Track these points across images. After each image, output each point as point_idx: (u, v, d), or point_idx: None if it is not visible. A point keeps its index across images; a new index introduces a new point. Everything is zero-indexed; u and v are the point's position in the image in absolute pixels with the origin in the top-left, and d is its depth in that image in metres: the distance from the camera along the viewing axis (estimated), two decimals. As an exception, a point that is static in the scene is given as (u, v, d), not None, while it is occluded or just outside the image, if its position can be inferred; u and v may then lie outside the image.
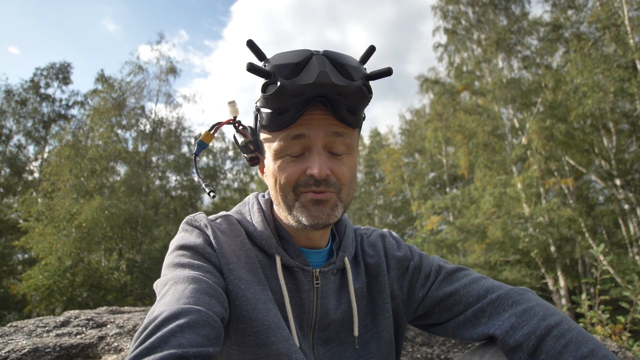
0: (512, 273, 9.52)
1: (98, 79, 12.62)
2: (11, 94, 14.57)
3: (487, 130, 10.47)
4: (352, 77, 0.57)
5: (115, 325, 1.36)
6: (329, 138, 0.60)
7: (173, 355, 0.41)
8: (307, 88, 0.55)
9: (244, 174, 17.43)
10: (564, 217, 8.60)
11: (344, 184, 0.62)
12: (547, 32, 10.70)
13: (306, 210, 0.61)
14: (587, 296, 2.07)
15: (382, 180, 17.56)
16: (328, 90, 0.56)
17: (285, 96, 0.56)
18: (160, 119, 12.80)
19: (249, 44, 0.59)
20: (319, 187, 0.60)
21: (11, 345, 1.17)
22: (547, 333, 0.56)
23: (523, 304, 0.62)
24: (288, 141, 0.60)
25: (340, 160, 0.62)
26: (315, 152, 0.60)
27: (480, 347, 0.65)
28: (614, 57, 8.54)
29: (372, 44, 0.63)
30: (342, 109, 0.59)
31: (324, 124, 0.59)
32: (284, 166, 0.61)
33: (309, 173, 0.59)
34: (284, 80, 0.55)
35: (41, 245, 9.38)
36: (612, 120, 9.43)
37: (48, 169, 10.71)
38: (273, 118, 0.59)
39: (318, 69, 0.55)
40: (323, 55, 0.57)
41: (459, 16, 12.00)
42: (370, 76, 0.60)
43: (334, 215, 0.62)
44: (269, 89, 0.57)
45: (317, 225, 0.61)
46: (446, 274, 0.73)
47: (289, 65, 0.56)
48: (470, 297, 0.67)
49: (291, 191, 0.62)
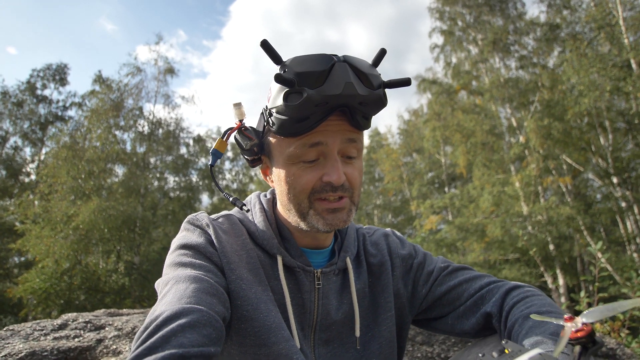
0: (512, 271, 9.56)
1: (96, 80, 12.56)
2: (7, 96, 14.49)
3: (485, 130, 10.51)
4: (373, 86, 0.57)
5: (114, 327, 1.35)
6: (344, 144, 0.60)
7: (174, 355, 0.41)
8: (332, 98, 0.54)
9: (243, 175, 17.41)
10: (563, 215, 8.64)
11: (356, 187, 0.63)
12: (543, 32, 10.76)
13: (322, 219, 0.61)
14: (586, 294, 2.07)
15: (381, 180, 17.59)
16: (352, 100, 0.56)
17: (309, 106, 0.55)
18: (159, 120, 12.77)
19: (264, 45, 0.56)
20: (336, 192, 0.60)
21: (8, 349, 1.16)
22: (519, 301, 0.62)
23: (519, 287, 0.66)
24: (305, 149, 0.59)
25: (352, 165, 0.62)
26: (331, 159, 0.59)
27: (480, 340, 0.66)
28: (609, 57, 8.60)
29: (383, 47, 0.62)
30: (359, 115, 0.59)
31: (339, 130, 0.59)
32: (300, 173, 0.60)
33: (326, 180, 0.59)
34: (310, 91, 0.54)
35: (38, 247, 9.31)
36: (609, 118, 9.49)
37: (45, 170, 10.65)
38: (290, 125, 0.57)
39: (344, 78, 0.54)
40: (344, 63, 0.56)
41: (456, 17, 12.04)
42: (388, 84, 0.60)
43: (349, 220, 0.63)
44: (292, 98, 0.55)
45: (332, 230, 0.62)
46: (450, 271, 0.73)
47: (312, 73, 0.54)
48: (472, 290, 0.69)
49: (306, 198, 0.61)
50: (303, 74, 0.55)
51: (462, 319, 0.68)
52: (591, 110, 9.06)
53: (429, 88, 13.45)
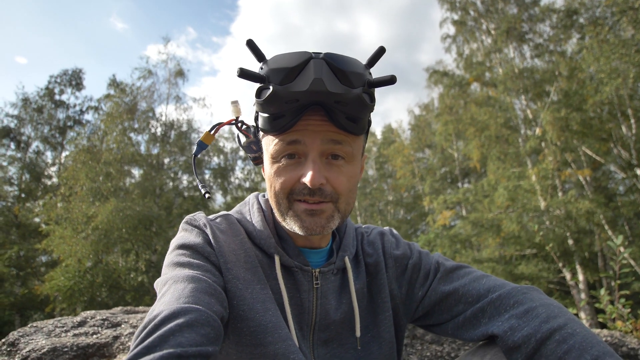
0: (529, 267, 9.30)
1: (110, 84, 12.94)
2: (28, 102, 15.07)
3: (500, 123, 10.22)
4: (352, 84, 0.55)
5: (129, 325, 1.40)
6: (326, 145, 0.58)
7: (172, 354, 0.41)
8: (300, 95, 0.53)
9: (255, 174, 17.58)
10: (582, 209, 8.32)
11: (342, 193, 0.60)
12: (560, 18, 10.34)
13: (299, 220, 0.59)
14: (607, 290, 2.00)
15: (392, 176, 17.41)
16: (323, 97, 0.54)
17: (278, 102, 0.54)
18: (171, 121, 13.04)
19: (249, 44, 0.57)
20: (313, 196, 0.58)
21: (32, 345, 1.22)
22: (549, 336, 0.53)
23: (525, 304, 0.59)
24: (284, 146, 0.58)
25: (339, 169, 0.59)
26: (310, 160, 0.57)
27: (481, 347, 0.63)
28: (632, 42, 8.18)
29: (382, 46, 0.58)
30: (341, 116, 0.56)
31: (320, 130, 0.57)
32: (279, 172, 0.60)
33: (303, 181, 0.58)
34: (276, 86, 0.54)
35: (61, 247, 9.71)
36: (632, 107, 9.05)
37: (65, 173, 11.06)
38: (269, 122, 0.58)
39: (313, 75, 0.53)
40: (322, 60, 0.54)
41: (467, 6, 11.71)
42: (372, 83, 0.57)
43: (329, 226, 0.60)
44: (262, 94, 0.55)
45: (310, 235, 0.60)
46: (445, 271, 0.70)
47: (283, 69, 0.54)
48: (470, 297, 0.65)
49: (285, 198, 0.60)
50: (274, 70, 0.54)
51: (462, 330, 0.65)
52: (612, 99, 8.66)
53: (440, 81, 13.17)
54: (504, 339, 0.57)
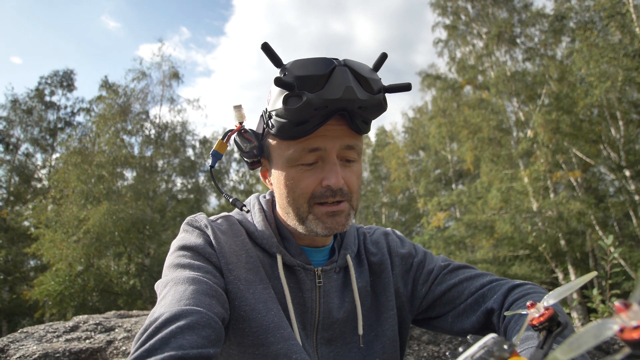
0: (522, 268, 9.41)
1: (102, 85, 12.78)
2: (17, 103, 14.82)
3: (492, 125, 10.36)
4: (373, 90, 0.57)
5: (123, 329, 1.37)
6: (343, 151, 0.60)
7: (173, 357, 0.41)
8: (332, 102, 0.54)
9: (250, 176, 17.50)
10: (573, 210, 8.47)
11: (354, 191, 0.62)
12: (550, 22, 10.55)
13: (321, 223, 0.61)
14: (598, 290, 2.03)
15: (387, 178, 17.50)
16: (351, 104, 0.56)
17: (308, 110, 0.55)
18: (165, 123, 12.93)
19: (265, 48, 0.56)
20: (335, 196, 0.60)
21: (22, 350, 1.19)
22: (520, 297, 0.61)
23: (526, 286, 0.64)
24: (305, 153, 0.59)
25: (351, 169, 0.62)
26: (330, 163, 0.59)
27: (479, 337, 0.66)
28: (620, 46, 8.38)
29: (384, 52, 0.61)
30: (359, 120, 0.59)
31: (339, 135, 0.59)
32: (299, 177, 0.60)
33: (326, 184, 0.59)
34: (309, 95, 0.54)
35: (52, 251, 9.53)
36: (621, 110, 9.26)
37: (56, 176, 10.88)
38: (289, 129, 0.57)
39: (344, 83, 0.54)
40: (345, 67, 0.56)
41: (458, 11, 11.88)
42: (387, 89, 0.60)
43: (348, 223, 0.62)
44: (292, 101, 0.55)
45: (331, 234, 0.62)
46: (450, 269, 0.73)
47: (313, 77, 0.54)
48: (473, 288, 0.68)
49: (305, 203, 0.61)
50: (303, 77, 0.55)
51: (462, 317, 0.67)
52: (602, 102, 8.84)
53: (433, 84, 13.31)
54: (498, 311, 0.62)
